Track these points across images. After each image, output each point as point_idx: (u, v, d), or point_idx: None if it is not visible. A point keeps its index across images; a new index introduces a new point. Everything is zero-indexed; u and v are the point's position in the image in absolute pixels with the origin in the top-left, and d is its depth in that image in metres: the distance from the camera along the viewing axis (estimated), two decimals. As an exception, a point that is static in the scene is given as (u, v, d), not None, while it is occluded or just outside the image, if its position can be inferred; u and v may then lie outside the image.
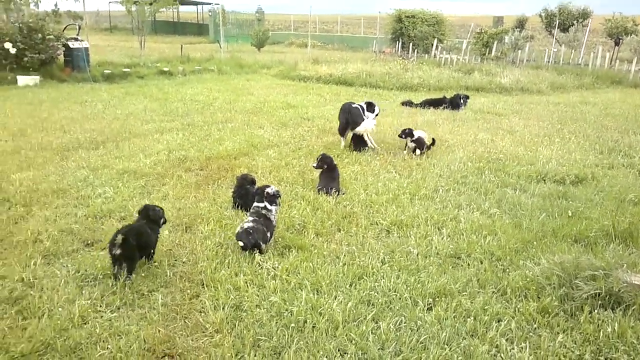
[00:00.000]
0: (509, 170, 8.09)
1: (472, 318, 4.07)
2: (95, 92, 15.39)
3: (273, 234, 5.41)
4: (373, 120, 9.72)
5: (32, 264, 4.82)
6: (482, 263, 5.05)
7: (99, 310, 4.16)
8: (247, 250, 5.05)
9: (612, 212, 6.06)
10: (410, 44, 29.79)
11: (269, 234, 5.28)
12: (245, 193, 6.23)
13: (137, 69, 19.60)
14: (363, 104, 9.74)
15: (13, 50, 16.38)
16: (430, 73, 20.00)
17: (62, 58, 18.26)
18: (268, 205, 5.42)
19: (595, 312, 4.09)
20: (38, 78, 16.53)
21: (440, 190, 7.15)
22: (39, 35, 16.95)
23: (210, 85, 17.63)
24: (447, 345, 3.76)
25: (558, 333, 3.92)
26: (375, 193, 6.95)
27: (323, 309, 4.13)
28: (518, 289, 4.51)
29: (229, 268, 4.83)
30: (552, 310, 4.17)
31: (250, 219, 5.25)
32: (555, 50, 26.76)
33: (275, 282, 4.58)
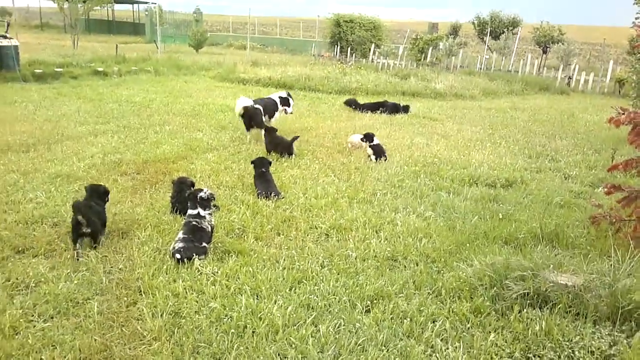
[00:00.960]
0: (443, 174, 8.33)
1: (408, 319, 4.19)
2: (26, 92, 14.80)
3: (211, 240, 5.39)
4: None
5: (-42, 273, 4.62)
6: (417, 265, 5.20)
7: (31, 320, 4.04)
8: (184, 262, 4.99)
9: (539, 214, 6.35)
10: (349, 49, 30.14)
11: (205, 243, 5.24)
12: (185, 197, 6.17)
13: (69, 69, 18.92)
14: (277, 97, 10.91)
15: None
16: (368, 77, 20.25)
17: (-11, 56, 17.42)
18: (201, 212, 5.38)
19: (525, 311, 4.27)
20: (-37, 77, 15.73)
21: (378, 194, 7.29)
22: (-36, 32, 16.15)
23: (147, 87, 17.27)
24: (384, 347, 3.86)
25: (490, 332, 4.08)
26: (315, 197, 7.01)
27: (263, 314, 4.16)
28: (452, 290, 4.67)
29: (167, 274, 4.78)
30: (484, 310, 4.34)
31: (182, 237, 5.16)
32: (487, 57, 27.64)
33: (215, 287, 4.57)
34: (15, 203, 6.37)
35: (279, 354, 3.74)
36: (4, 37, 17.49)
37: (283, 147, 8.99)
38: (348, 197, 7.10)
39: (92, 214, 5.26)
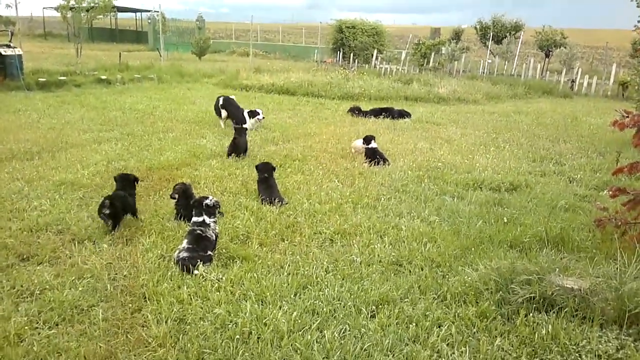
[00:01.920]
0: (447, 179, 8.32)
1: (414, 324, 4.17)
2: (30, 100, 14.86)
3: (215, 247, 5.39)
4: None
5: (-37, 281, 4.62)
6: (422, 270, 5.18)
7: (37, 327, 4.03)
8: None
9: (544, 218, 6.33)
10: (351, 54, 30.19)
11: (210, 251, 5.23)
12: (188, 203, 6.19)
13: (73, 77, 18.98)
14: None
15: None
16: (371, 83, 20.29)
17: (-7, 66, 17.49)
18: (207, 219, 5.38)
19: (531, 315, 4.26)
20: (-33, 86, 15.80)
21: (382, 199, 7.28)
22: (-32, 42, 16.22)
23: (150, 94, 17.32)
24: (390, 352, 3.84)
25: (496, 337, 4.06)
26: (319, 202, 7.01)
27: (268, 320, 4.14)
28: (457, 295, 4.65)
29: (172, 281, 4.77)
30: (490, 315, 4.32)
31: (185, 246, 5.16)
32: (490, 62, 27.67)
33: (220, 293, 4.56)
34: (20, 211, 6.38)
35: (285, 360, 3.73)
36: (8, 46, 17.58)
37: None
38: (352, 202, 7.09)
39: (116, 199, 5.91)
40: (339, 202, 7.06)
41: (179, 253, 5.12)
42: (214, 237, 5.39)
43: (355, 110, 14.87)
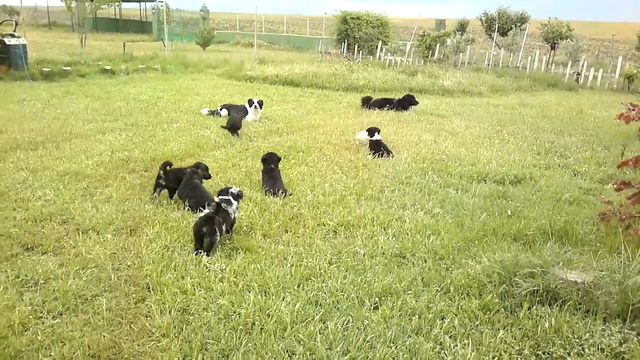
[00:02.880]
0: (452, 171, 8.30)
1: (417, 316, 4.18)
2: (34, 90, 14.85)
3: (230, 229, 5.62)
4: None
5: (-33, 270, 4.64)
6: (426, 262, 5.18)
7: (41, 317, 4.06)
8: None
9: (548, 211, 6.32)
10: (356, 46, 30.08)
11: (225, 227, 5.42)
12: (196, 192, 6.43)
13: (77, 67, 18.97)
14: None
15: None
16: (376, 74, 20.19)
17: (-3, 55, 17.50)
18: (232, 199, 5.63)
19: (534, 308, 4.25)
20: (-28, 76, 15.80)
21: (386, 191, 7.27)
22: (-27, 32, 16.22)
23: (155, 85, 17.31)
24: (393, 344, 3.85)
25: (499, 329, 4.06)
26: (322, 194, 7.00)
27: (271, 311, 4.15)
28: (461, 287, 4.65)
29: (176, 271, 4.79)
30: (493, 307, 4.32)
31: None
32: (495, 54, 27.52)
33: (223, 284, 4.57)
34: (24, 200, 6.40)
35: (287, 351, 3.74)
36: (12, 36, 17.56)
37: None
38: (356, 194, 7.08)
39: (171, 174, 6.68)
40: (343, 193, 7.06)
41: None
42: (233, 216, 5.60)
43: (367, 101, 14.71)
